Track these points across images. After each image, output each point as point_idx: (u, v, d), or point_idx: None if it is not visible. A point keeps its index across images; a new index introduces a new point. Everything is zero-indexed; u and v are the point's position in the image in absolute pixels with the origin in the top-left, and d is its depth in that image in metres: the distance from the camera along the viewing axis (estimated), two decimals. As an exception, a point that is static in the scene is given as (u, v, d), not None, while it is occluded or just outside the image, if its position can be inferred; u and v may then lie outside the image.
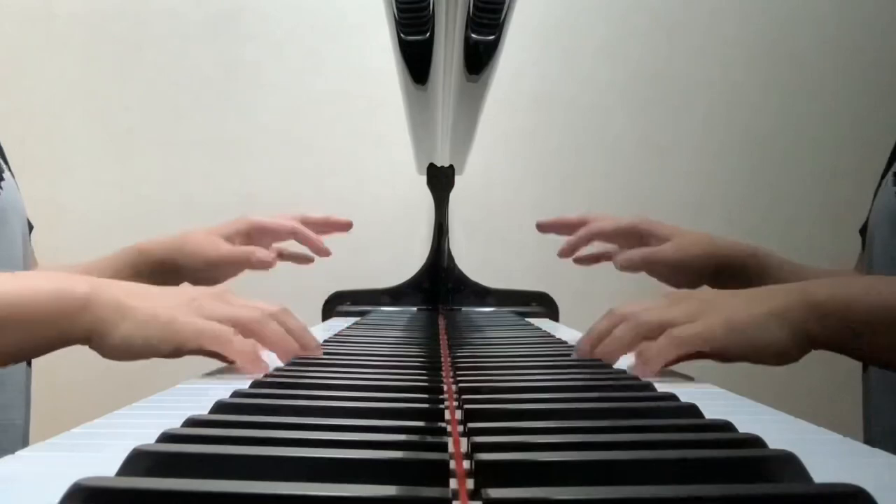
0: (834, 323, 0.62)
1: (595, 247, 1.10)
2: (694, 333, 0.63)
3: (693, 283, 1.00)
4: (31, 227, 0.95)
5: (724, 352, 0.63)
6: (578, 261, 1.12)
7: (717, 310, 0.65)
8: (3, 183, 0.86)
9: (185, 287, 0.80)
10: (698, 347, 0.63)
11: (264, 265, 1.05)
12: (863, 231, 0.95)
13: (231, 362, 0.66)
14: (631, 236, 1.04)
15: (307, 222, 1.12)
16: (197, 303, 0.66)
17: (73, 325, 0.61)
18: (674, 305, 0.67)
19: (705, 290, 0.77)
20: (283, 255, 1.14)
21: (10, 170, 0.90)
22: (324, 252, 1.14)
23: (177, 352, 0.65)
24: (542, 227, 1.13)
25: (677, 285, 1.01)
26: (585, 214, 1.09)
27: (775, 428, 0.41)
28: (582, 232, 1.07)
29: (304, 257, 1.15)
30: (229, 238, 1.06)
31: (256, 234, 1.09)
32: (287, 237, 1.12)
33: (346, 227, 1.17)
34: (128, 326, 0.62)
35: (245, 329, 0.66)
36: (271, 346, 0.67)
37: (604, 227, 1.06)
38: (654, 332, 0.64)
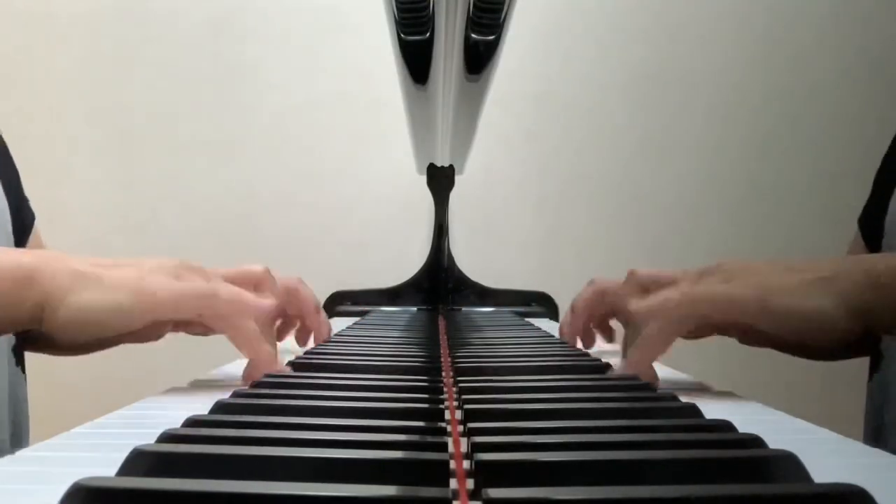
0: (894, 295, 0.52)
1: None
2: (718, 292, 0.54)
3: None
4: (32, 218, 0.85)
5: (755, 322, 0.55)
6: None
7: (751, 273, 0.56)
8: None
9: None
10: (722, 312, 0.55)
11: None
12: (862, 221, 0.86)
13: (205, 333, 0.60)
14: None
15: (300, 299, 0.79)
16: (176, 271, 0.58)
17: (20, 301, 0.53)
18: (701, 278, 0.59)
19: (735, 260, 0.62)
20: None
21: None
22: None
23: (152, 323, 0.57)
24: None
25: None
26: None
27: (775, 428, 0.41)
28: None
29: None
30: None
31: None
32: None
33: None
34: (90, 293, 0.54)
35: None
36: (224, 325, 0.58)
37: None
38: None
